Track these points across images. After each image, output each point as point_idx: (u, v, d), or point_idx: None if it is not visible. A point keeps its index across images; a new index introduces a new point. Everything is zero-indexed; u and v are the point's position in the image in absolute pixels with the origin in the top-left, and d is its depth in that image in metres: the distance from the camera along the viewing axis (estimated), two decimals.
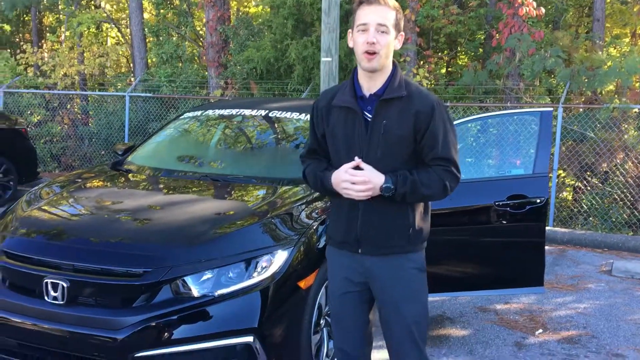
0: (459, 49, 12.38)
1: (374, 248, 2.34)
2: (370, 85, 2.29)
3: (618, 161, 8.04)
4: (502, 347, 3.93)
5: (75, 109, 12.34)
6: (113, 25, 15.40)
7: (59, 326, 2.74)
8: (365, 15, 2.22)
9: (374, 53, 2.20)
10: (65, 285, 2.74)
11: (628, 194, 7.70)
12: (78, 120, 11.89)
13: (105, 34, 15.83)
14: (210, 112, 4.50)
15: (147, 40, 12.68)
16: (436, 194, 2.29)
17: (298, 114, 4.22)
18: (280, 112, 4.28)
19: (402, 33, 2.31)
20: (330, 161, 2.42)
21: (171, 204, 3.29)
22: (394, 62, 2.31)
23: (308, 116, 4.11)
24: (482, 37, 11.10)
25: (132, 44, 12.68)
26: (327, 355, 3.33)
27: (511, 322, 4.37)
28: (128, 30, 15.21)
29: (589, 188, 8.18)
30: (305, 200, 3.35)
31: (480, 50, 11.32)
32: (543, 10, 9.10)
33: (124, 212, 3.16)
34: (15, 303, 2.83)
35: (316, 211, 3.31)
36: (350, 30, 2.31)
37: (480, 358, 3.76)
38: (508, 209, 3.69)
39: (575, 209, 8.08)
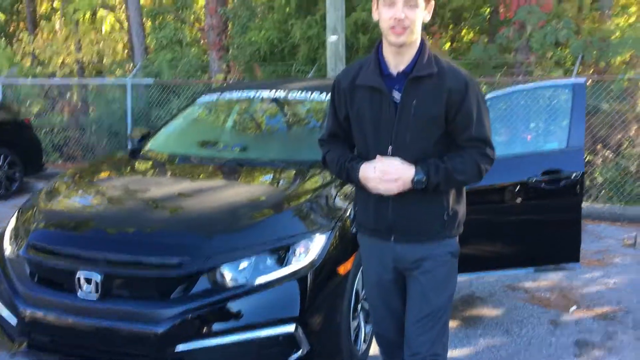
0: (463, 24, 12.18)
1: (407, 236, 2.21)
2: (397, 61, 2.11)
3: (632, 133, 7.93)
4: (537, 326, 3.85)
5: (75, 98, 12.16)
6: (109, 11, 15.12)
7: (93, 321, 2.64)
8: None
9: (403, 28, 2.03)
10: (98, 278, 2.63)
11: None
12: (78, 110, 11.71)
13: (101, 21, 15.55)
14: (227, 95, 4.37)
15: (144, 25, 12.44)
16: (470, 179, 2.16)
17: (319, 92, 4.08)
18: (301, 92, 4.14)
19: (432, 2, 2.11)
20: (352, 146, 2.29)
21: (200, 190, 3.18)
22: (421, 37, 2.13)
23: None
24: (488, 11, 10.90)
25: (130, 29, 12.45)
26: (364, 340, 3.24)
27: (543, 300, 4.29)
28: (124, 15, 14.98)
29: (601, 161, 8.07)
30: (336, 183, 3.23)
31: (487, 24, 11.13)
32: None
33: (153, 201, 3.04)
34: (47, 298, 2.72)
35: (348, 194, 3.20)
36: (375, 2, 2.13)
37: (517, 337, 3.68)
38: (543, 185, 3.59)
39: (589, 182, 7.98)
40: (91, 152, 10.90)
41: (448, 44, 12.19)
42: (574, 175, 3.58)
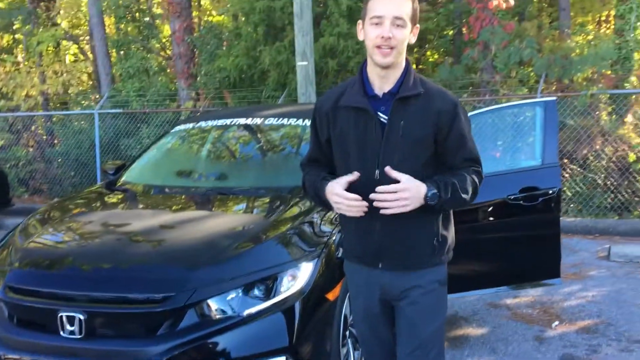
0: (427, 45, 12.42)
1: (396, 262, 2.14)
2: (382, 83, 2.08)
3: (598, 147, 8.13)
4: (523, 343, 3.87)
5: (40, 131, 11.93)
6: (72, 42, 14.96)
7: None
8: (380, 6, 2.00)
9: (390, 48, 2.00)
10: (81, 317, 2.55)
11: (611, 179, 7.79)
12: (44, 142, 11.49)
13: (64, 52, 15.37)
14: (203, 123, 4.33)
15: (110, 55, 12.35)
16: (470, 198, 2.10)
17: (295, 118, 4.08)
18: (276, 118, 4.14)
19: (418, 25, 2.09)
20: (333, 171, 2.21)
21: (182, 222, 3.12)
22: (406, 59, 2.11)
23: (308, 121, 4.00)
24: (452, 33, 11.15)
25: (96, 60, 12.33)
26: None
27: (526, 316, 4.32)
28: (88, 46, 14.83)
29: (569, 175, 8.25)
30: (319, 208, 3.21)
31: (451, 45, 11.37)
32: (512, 2, 9.18)
33: (135, 234, 2.97)
34: (28, 341, 2.62)
35: (333, 218, 3.19)
36: (360, 22, 2.10)
37: (504, 356, 3.69)
38: (521, 202, 3.63)
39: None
40: (58, 184, 10.68)
41: (414, 66, 12.41)
42: (551, 191, 3.64)
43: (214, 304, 2.61)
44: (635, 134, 8.16)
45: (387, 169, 1.99)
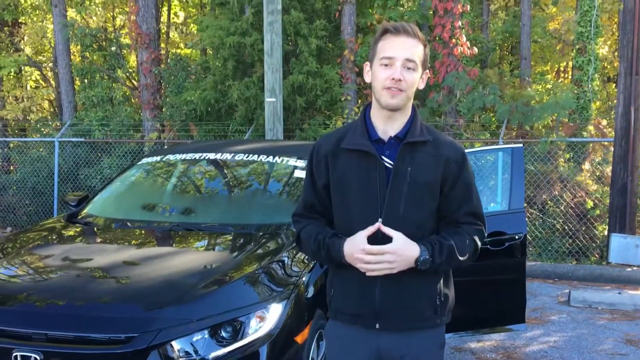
0: None
1: (395, 323, 1.98)
2: (387, 127, 1.98)
3: (556, 192, 8.34)
4: None
5: None
6: (35, 69, 14.70)
7: None
8: (391, 47, 1.92)
9: (400, 90, 1.91)
10: (38, 358, 2.42)
11: (569, 224, 7.97)
12: None
13: (27, 78, 15.07)
14: (171, 156, 4.26)
15: (75, 82, 12.16)
16: (468, 260, 1.98)
17: (265, 156, 4.06)
18: (246, 154, 4.10)
19: (427, 71, 2.01)
20: (331, 220, 2.07)
21: (147, 258, 3.02)
22: (413, 105, 2.02)
23: (277, 159, 3.99)
24: None
25: (59, 87, 12.12)
26: None
27: None
28: (51, 73, 14.59)
29: (527, 220, 8.41)
30: (289, 247, 3.18)
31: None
32: (476, 49, 9.48)
33: (97, 271, 2.86)
34: None
35: (303, 258, 3.14)
36: (367, 63, 2.01)
37: None
38: (488, 246, 3.66)
39: None
40: (12, 213, 10.32)
41: None
42: (517, 236, 3.68)
43: (178, 346, 2.52)
44: (592, 181, 8.41)
45: (380, 225, 1.88)
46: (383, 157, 1.97)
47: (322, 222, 2.09)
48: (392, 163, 1.96)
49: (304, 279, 2.98)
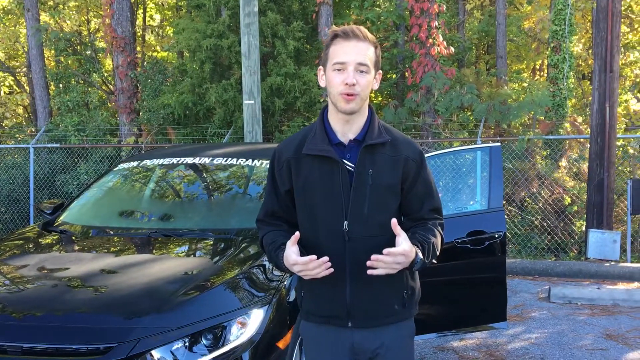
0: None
1: (366, 319, 2.04)
2: (346, 130, 2.00)
3: (534, 189, 8.43)
4: None
5: None
6: (8, 74, 14.46)
7: None
8: (342, 52, 1.93)
9: (353, 95, 1.93)
10: None
11: (548, 221, 8.05)
12: None
13: (0, 83, 14.83)
14: (148, 161, 4.20)
15: (49, 87, 11.98)
16: (437, 254, 2.02)
17: (245, 159, 4.02)
18: (224, 158, 4.07)
19: (381, 71, 2.06)
20: (294, 225, 2.09)
21: (125, 266, 2.97)
22: (369, 105, 2.05)
23: (257, 162, 3.95)
24: (395, 77, 11.43)
25: (33, 92, 11.94)
26: None
27: None
28: (25, 78, 14.36)
29: (506, 217, 8.48)
30: None
31: (395, 89, 11.64)
32: (453, 49, 9.54)
33: (74, 280, 2.80)
34: None
35: None
36: (321, 68, 2.04)
37: None
38: (469, 245, 3.67)
39: None
40: None
41: None
42: (497, 235, 3.70)
43: (158, 355, 2.47)
44: (570, 177, 8.52)
45: (394, 222, 1.86)
46: (344, 161, 2.00)
47: (282, 228, 2.11)
48: (353, 166, 2.00)
49: (285, 283, 2.96)
